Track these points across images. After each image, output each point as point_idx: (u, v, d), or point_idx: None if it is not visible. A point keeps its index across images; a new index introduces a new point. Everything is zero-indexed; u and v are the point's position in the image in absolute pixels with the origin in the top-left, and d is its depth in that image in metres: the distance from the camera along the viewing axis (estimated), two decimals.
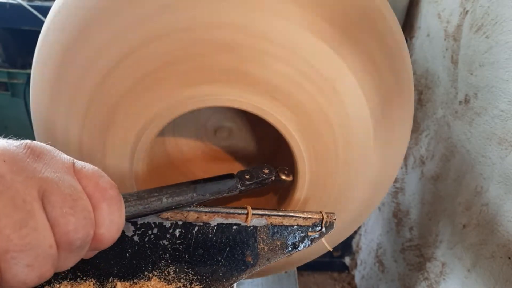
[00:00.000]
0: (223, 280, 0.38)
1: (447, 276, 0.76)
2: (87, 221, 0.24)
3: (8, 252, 0.21)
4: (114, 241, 0.27)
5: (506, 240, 0.58)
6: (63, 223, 0.23)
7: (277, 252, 0.39)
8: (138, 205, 0.32)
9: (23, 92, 1.07)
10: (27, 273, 0.22)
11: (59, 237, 0.23)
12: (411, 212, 0.92)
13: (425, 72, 0.86)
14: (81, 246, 0.24)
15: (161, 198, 0.33)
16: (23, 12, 0.95)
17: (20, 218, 0.21)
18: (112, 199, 0.26)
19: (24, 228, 0.21)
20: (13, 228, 0.21)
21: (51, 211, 0.23)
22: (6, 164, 0.22)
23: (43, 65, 0.42)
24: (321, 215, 0.39)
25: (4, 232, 0.20)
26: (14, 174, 0.22)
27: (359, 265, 1.27)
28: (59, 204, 0.23)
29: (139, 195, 0.32)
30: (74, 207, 0.23)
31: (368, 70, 0.40)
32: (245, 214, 0.38)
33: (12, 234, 0.21)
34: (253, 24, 0.36)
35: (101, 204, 0.25)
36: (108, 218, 0.26)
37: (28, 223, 0.21)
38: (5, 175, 0.21)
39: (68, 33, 0.39)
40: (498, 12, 0.61)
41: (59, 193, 0.23)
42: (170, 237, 0.37)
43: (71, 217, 0.23)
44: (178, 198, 0.35)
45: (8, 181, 0.21)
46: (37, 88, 0.43)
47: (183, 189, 0.36)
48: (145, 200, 0.32)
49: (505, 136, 0.59)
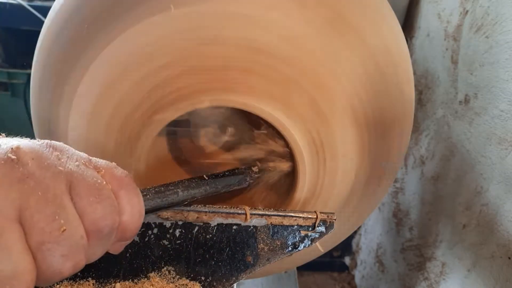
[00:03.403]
0: (223, 280, 0.38)
1: (447, 276, 0.76)
2: (113, 208, 0.26)
3: (43, 243, 0.22)
4: (138, 228, 0.28)
5: (506, 240, 0.58)
6: (91, 211, 0.24)
7: (277, 252, 0.39)
8: (156, 198, 0.33)
9: (23, 92, 1.07)
10: (63, 263, 0.23)
11: (88, 226, 0.24)
12: (411, 212, 0.92)
13: (425, 72, 0.86)
14: (109, 233, 0.26)
15: (177, 191, 0.35)
16: (23, 12, 0.95)
17: (53, 211, 0.22)
18: (129, 185, 0.27)
19: (56, 221, 0.22)
20: (46, 221, 0.22)
21: (79, 201, 0.24)
22: (34, 162, 0.23)
23: (43, 65, 0.42)
24: (321, 215, 0.39)
25: (39, 225, 0.22)
26: (42, 170, 0.23)
27: (359, 265, 1.27)
28: (85, 194, 0.24)
29: (156, 189, 0.34)
30: (99, 195, 0.25)
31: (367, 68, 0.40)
32: (245, 214, 0.38)
33: (47, 226, 0.22)
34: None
35: (120, 192, 0.27)
36: (129, 204, 0.27)
37: (60, 215, 0.22)
38: (35, 172, 0.22)
39: (69, 33, 0.39)
40: (498, 12, 0.61)
41: (85, 184, 0.24)
42: (170, 237, 0.37)
43: (97, 205, 0.24)
44: (193, 191, 0.36)
45: (38, 177, 0.22)
46: (37, 88, 0.43)
47: (197, 182, 0.37)
48: (162, 194, 0.34)
49: (505, 136, 0.59)
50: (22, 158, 0.22)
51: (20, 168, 0.22)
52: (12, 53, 1.09)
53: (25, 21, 0.97)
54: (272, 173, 0.45)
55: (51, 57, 0.40)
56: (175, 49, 0.36)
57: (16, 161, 0.22)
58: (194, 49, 0.36)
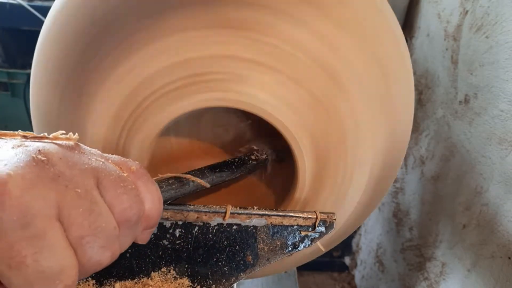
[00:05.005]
0: (223, 280, 0.38)
1: (447, 276, 0.76)
2: (137, 198, 0.27)
3: (83, 238, 0.23)
4: (160, 214, 0.29)
5: (506, 240, 0.58)
6: (118, 203, 0.25)
7: (277, 252, 0.39)
8: (170, 190, 0.35)
9: (23, 92, 1.07)
10: (102, 254, 0.24)
11: (118, 217, 0.25)
12: (411, 212, 0.92)
13: (425, 72, 0.86)
14: (136, 222, 0.27)
15: (188, 181, 0.37)
16: (23, 12, 0.95)
17: (87, 206, 0.23)
18: (144, 175, 0.29)
19: (92, 215, 0.23)
20: (83, 216, 0.23)
21: (106, 194, 0.25)
22: (62, 161, 0.24)
23: (43, 65, 0.42)
24: (321, 215, 0.39)
25: (77, 221, 0.23)
26: (71, 168, 0.24)
27: (359, 265, 1.27)
28: (112, 187, 0.25)
29: (169, 181, 0.35)
30: (124, 187, 0.26)
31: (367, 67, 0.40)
32: (245, 214, 0.38)
33: (84, 221, 0.23)
34: None
35: (138, 182, 0.28)
36: (148, 192, 0.28)
37: (94, 210, 0.24)
38: (65, 171, 0.23)
39: (69, 32, 0.39)
40: (498, 12, 0.61)
41: (110, 178, 0.26)
42: (170, 237, 0.37)
43: (124, 196, 0.26)
44: (217, 175, 0.41)
45: (68, 176, 0.23)
46: (37, 88, 0.43)
47: (204, 172, 0.40)
48: (175, 185, 0.35)
49: (505, 136, 0.59)
50: (51, 158, 0.23)
51: (51, 168, 0.23)
52: (12, 53, 1.09)
53: (25, 21, 0.97)
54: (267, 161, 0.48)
55: (51, 57, 0.40)
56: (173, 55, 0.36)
57: (46, 161, 0.23)
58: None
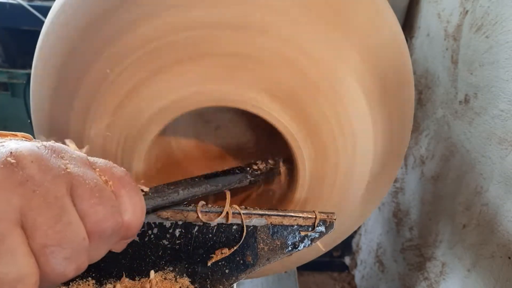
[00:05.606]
0: (223, 280, 0.38)
1: (447, 276, 0.76)
2: (114, 209, 0.26)
3: (46, 246, 0.22)
4: (140, 226, 0.28)
5: (506, 240, 0.58)
6: (92, 213, 0.24)
7: (277, 252, 0.39)
8: (157, 197, 0.33)
9: (23, 92, 1.07)
10: (66, 266, 0.23)
11: (90, 228, 0.24)
12: (411, 212, 0.92)
13: (425, 72, 0.86)
14: (112, 234, 0.26)
15: (178, 190, 0.35)
16: (23, 12, 0.95)
17: (54, 214, 0.22)
18: (129, 184, 0.27)
19: (59, 223, 0.22)
20: (48, 224, 0.22)
21: (80, 203, 0.24)
22: (34, 164, 0.22)
23: (43, 65, 0.42)
24: (321, 215, 0.39)
25: (41, 228, 0.22)
26: (42, 173, 0.23)
27: (359, 265, 1.27)
28: (87, 196, 0.24)
29: (156, 189, 0.34)
30: (100, 197, 0.25)
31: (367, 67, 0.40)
32: (245, 214, 0.38)
33: (49, 230, 0.22)
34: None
35: (120, 191, 0.27)
36: (130, 203, 0.27)
37: (62, 218, 0.22)
38: (35, 175, 0.22)
39: (69, 32, 0.39)
40: (498, 12, 0.61)
41: (85, 186, 0.24)
42: (170, 237, 0.37)
43: (99, 207, 0.24)
44: (193, 190, 0.36)
45: (38, 180, 0.22)
46: (37, 87, 0.43)
47: (196, 181, 0.37)
48: (163, 193, 0.34)
49: (505, 136, 0.59)
50: (21, 161, 0.22)
51: (20, 171, 0.22)
52: (12, 53, 1.09)
53: (25, 21, 0.97)
54: (275, 170, 0.46)
55: (52, 57, 0.40)
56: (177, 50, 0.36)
57: (15, 164, 0.22)
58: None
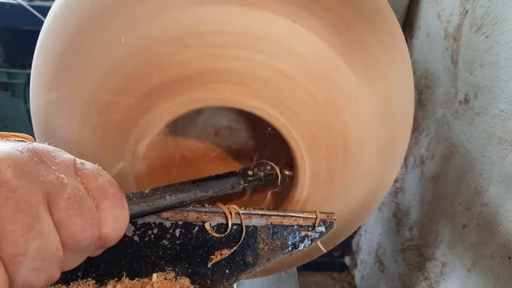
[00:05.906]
0: (223, 280, 0.38)
1: (447, 276, 0.76)
2: (93, 221, 0.24)
3: (16, 256, 0.21)
4: (119, 238, 0.27)
5: (506, 240, 0.58)
6: (69, 224, 0.23)
7: (277, 252, 0.39)
8: (142, 203, 0.32)
9: (23, 92, 1.07)
10: (36, 276, 0.22)
11: (65, 238, 0.23)
12: (411, 212, 0.92)
13: (425, 72, 0.86)
14: (87, 246, 0.25)
15: (165, 195, 0.34)
16: (23, 12, 0.95)
17: (26, 222, 0.21)
18: (113, 197, 0.26)
19: (30, 232, 0.21)
20: (19, 232, 0.21)
21: (57, 213, 0.23)
22: (10, 169, 0.22)
23: (43, 65, 0.42)
24: (321, 215, 0.39)
25: (11, 237, 0.21)
26: (18, 178, 0.22)
27: (359, 265, 1.27)
28: (64, 206, 0.23)
29: (142, 194, 0.33)
30: (79, 208, 0.24)
31: (367, 66, 0.40)
32: (245, 214, 0.38)
33: (19, 238, 0.21)
34: (247, 25, 0.36)
35: (103, 203, 0.25)
36: (111, 216, 0.26)
37: (34, 227, 0.21)
38: (10, 180, 0.21)
39: (69, 32, 0.39)
40: (498, 12, 0.61)
41: (64, 195, 0.23)
42: (170, 237, 0.37)
43: (77, 219, 0.23)
44: (181, 195, 0.35)
45: (12, 186, 0.21)
46: (37, 88, 0.43)
47: (186, 186, 0.36)
48: (149, 198, 0.33)
49: (505, 136, 0.59)
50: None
51: None
52: (12, 53, 1.09)
53: (25, 21, 0.97)
54: (271, 177, 0.45)
55: (51, 57, 0.40)
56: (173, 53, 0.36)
57: None
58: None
